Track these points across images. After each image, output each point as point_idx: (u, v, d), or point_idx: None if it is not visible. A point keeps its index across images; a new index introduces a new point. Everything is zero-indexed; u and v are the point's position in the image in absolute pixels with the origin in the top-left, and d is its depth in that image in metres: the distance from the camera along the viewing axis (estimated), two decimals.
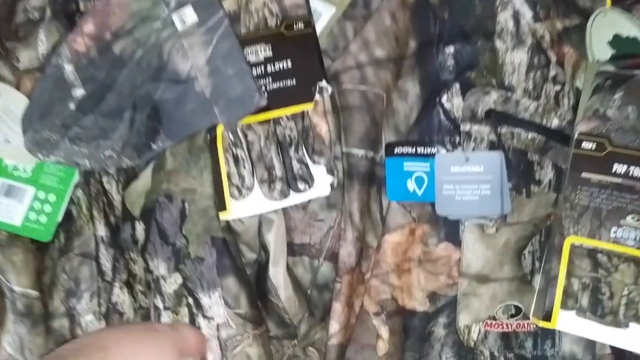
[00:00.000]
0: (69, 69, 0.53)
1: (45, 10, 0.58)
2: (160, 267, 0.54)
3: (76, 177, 0.57)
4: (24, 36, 0.59)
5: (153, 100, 0.53)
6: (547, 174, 0.56)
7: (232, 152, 0.55)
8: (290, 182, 0.54)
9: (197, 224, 0.54)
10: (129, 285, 0.57)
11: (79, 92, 0.53)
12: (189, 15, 0.54)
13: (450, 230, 0.56)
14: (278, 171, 0.54)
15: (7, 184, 0.57)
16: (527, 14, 0.57)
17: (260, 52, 0.56)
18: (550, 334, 0.55)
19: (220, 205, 0.54)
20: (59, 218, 0.57)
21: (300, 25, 0.56)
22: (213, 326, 0.53)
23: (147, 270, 0.55)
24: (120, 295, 0.56)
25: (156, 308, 0.54)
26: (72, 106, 0.53)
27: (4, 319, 0.55)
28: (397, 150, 0.57)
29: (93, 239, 0.56)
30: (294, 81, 0.55)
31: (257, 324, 0.54)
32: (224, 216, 0.54)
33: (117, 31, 0.54)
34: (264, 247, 0.56)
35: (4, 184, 0.57)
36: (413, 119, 0.58)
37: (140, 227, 0.56)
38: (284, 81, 0.55)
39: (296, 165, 0.54)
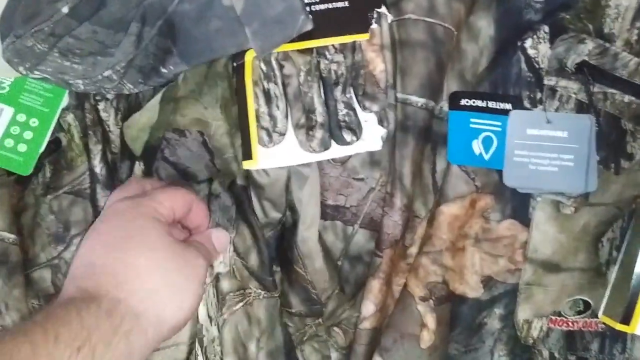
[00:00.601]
0: None
1: None
2: None
3: (65, 100, 0.46)
4: None
5: (167, 13, 0.42)
6: None
7: (263, 87, 0.44)
8: (333, 130, 0.43)
9: None
10: None
11: None
12: None
13: (518, 206, 0.46)
14: (319, 116, 0.43)
15: None
16: None
17: None
18: (621, 337, 0.47)
19: (245, 152, 0.43)
20: (42, 147, 0.46)
21: None
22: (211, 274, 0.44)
23: None
24: None
25: None
26: (64, 9, 0.41)
27: None
28: (464, 102, 0.46)
29: (88, 174, 0.46)
30: (346, 3, 0.44)
31: (266, 287, 0.45)
32: (248, 165, 0.43)
33: None
34: (291, 207, 0.46)
35: None
36: (483, 65, 0.47)
37: (139, 168, 0.45)
38: (333, 2, 0.44)
39: (342, 110, 0.44)
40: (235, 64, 0.44)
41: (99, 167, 0.45)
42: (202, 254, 0.39)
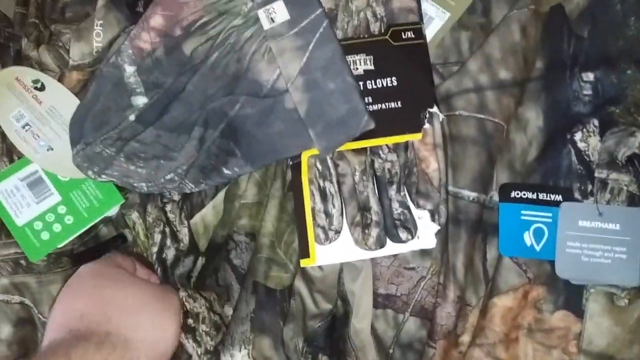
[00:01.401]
0: (130, 70, 0.43)
1: None
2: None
3: (113, 210, 0.48)
4: (71, 18, 0.50)
5: (229, 116, 0.44)
6: None
7: (319, 185, 0.45)
8: (389, 228, 0.45)
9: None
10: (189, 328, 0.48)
11: (140, 100, 0.43)
12: (280, 11, 0.44)
13: (571, 297, 0.47)
14: (374, 214, 0.44)
15: (39, 176, 0.48)
16: None
17: (360, 63, 0.46)
18: None
19: (303, 250, 0.44)
20: (60, 245, 0.48)
21: (410, 34, 0.46)
22: None
23: (211, 309, 0.46)
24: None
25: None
26: (132, 117, 0.43)
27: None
28: (514, 194, 0.47)
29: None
30: (399, 103, 0.45)
31: None
32: (307, 264, 0.45)
33: (188, 26, 0.44)
34: (343, 298, 0.47)
35: (35, 173, 0.48)
36: (532, 156, 0.48)
37: (200, 263, 0.47)
38: (386, 103, 0.45)
39: (397, 209, 0.45)
40: (291, 163, 0.46)
41: (155, 267, 0.47)
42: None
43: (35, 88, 0.47)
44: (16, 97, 0.47)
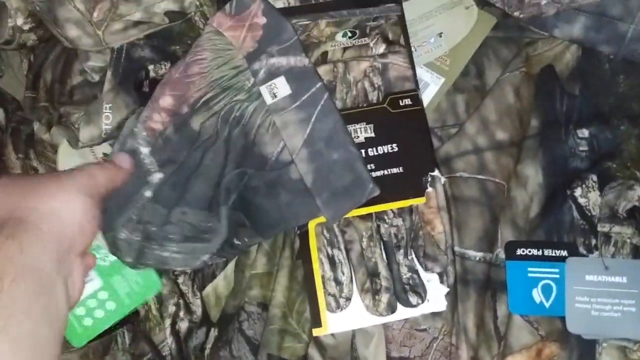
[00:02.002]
0: (145, 152, 0.44)
1: (105, 72, 0.50)
2: None
3: (151, 296, 0.49)
4: (80, 100, 0.52)
5: (239, 188, 0.45)
6: None
7: (327, 253, 0.46)
8: (399, 293, 0.45)
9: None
10: None
11: (156, 177, 0.44)
12: (281, 86, 0.45)
13: (585, 352, 0.47)
14: (384, 280, 0.45)
15: None
16: None
17: (361, 132, 0.47)
18: None
19: (315, 319, 0.45)
20: (102, 330, 0.48)
21: (407, 101, 0.48)
22: None
23: None
24: None
25: None
26: (147, 193, 0.44)
27: None
28: (520, 251, 0.48)
29: (167, 347, 0.48)
30: (401, 169, 0.46)
31: None
32: (318, 332, 0.45)
33: (194, 103, 0.46)
34: None
35: None
36: (534, 211, 0.49)
37: (213, 334, 0.47)
38: (389, 169, 0.46)
39: (405, 274, 0.45)
40: (299, 232, 0.47)
41: (169, 340, 0.47)
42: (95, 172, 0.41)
43: None
44: None
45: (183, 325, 0.47)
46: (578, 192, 0.48)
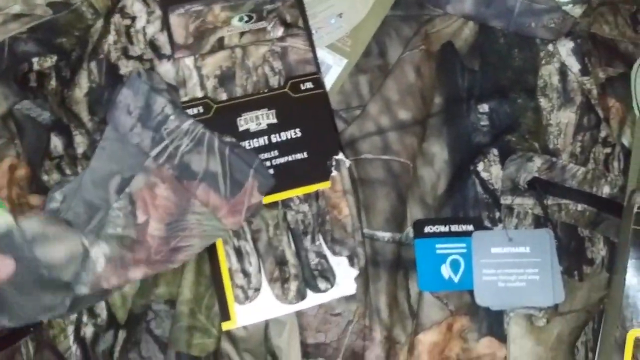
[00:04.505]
0: None
1: None
2: None
3: None
4: None
5: None
6: (599, 251, 0.48)
7: (233, 245, 0.45)
8: (308, 280, 0.45)
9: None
10: None
11: None
12: None
13: (493, 323, 0.48)
14: (292, 267, 0.44)
15: None
16: (574, 66, 0.49)
17: (263, 118, 0.46)
18: None
19: (223, 313, 0.44)
20: None
21: (309, 84, 0.47)
22: None
23: None
24: None
25: None
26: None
27: None
28: (428, 229, 0.48)
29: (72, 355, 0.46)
30: (305, 154, 0.46)
31: None
32: (228, 326, 0.44)
33: None
34: (272, 354, 0.47)
35: None
36: (441, 188, 0.49)
37: (121, 336, 0.45)
38: (293, 154, 0.46)
39: (314, 259, 0.45)
40: None
41: (73, 348, 0.45)
42: None
43: None
44: None
45: (88, 331, 0.45)
46: (480, 166, 0.48)
